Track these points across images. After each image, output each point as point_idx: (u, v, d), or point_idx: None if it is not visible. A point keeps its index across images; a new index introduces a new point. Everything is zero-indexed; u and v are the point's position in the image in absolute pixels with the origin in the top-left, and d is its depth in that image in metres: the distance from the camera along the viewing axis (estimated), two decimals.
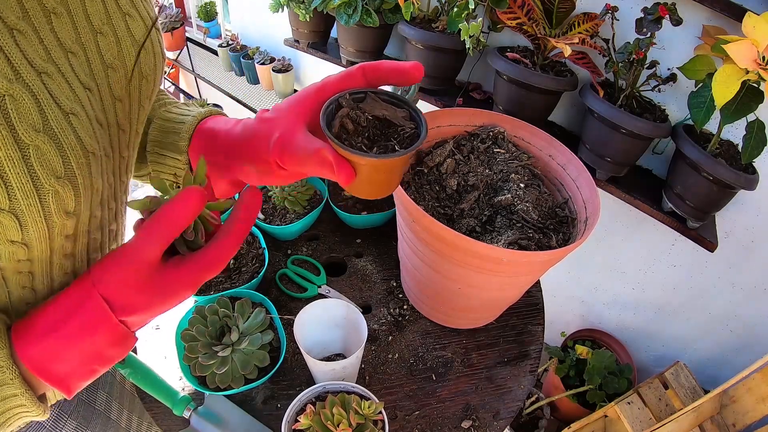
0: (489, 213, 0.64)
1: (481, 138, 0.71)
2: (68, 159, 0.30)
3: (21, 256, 0.32)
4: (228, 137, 0.41)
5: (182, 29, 2.36)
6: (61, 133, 0.29)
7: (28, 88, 0.27)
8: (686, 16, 0.87)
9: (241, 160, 0.39)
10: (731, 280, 1.17)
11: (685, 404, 1.16)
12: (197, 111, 0.46)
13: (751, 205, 1.04)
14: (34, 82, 0.28)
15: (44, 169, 0.28)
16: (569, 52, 0.90)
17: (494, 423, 0.63)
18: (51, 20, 0.30)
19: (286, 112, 0.37)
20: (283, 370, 0.67)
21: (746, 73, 0.72)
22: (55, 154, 0.29)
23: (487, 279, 0.58)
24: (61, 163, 0.29)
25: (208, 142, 0.44)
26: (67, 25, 0.31)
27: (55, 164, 0.29)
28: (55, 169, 0.29)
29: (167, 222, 0.32)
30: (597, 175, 1.07)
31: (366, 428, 0.51)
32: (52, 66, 0.29)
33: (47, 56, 0.29)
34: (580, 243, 0.54)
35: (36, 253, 0.32)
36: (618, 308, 1.48)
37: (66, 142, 0.29)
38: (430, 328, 0.74)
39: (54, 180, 0.29)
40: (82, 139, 0.31)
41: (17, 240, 0.30)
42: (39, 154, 0.28)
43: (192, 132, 0.45)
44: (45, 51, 0.29)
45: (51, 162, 0.29)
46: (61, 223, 0.32)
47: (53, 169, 0.29)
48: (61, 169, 0.29)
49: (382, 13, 1.24)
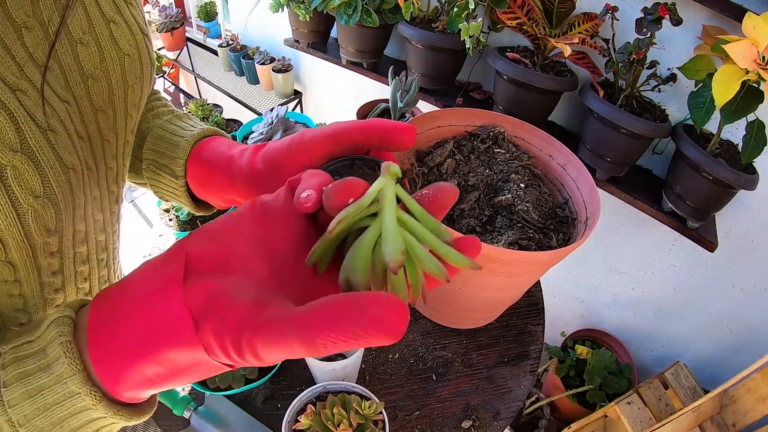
0: (489, 213, 0.64)
1: (481, 138, 0.71)
2: (47, 177, 0.29)
3: (8, 277, 0.31)
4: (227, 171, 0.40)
5: (182, 29, 2.35)
6: (39, 151, 0.28)
7: (5, 106, 0.26)
8: (686, 16, 0.87)
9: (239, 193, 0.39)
10: (731, 280, 1.17)
11: (685, 404, 1.16)
12: (189, 133, 0.45)
13: (751, 205, 1.04)
14: (10, 100, 0.27)
15: (22, 189, 0.28)
16: (569, 52, 0.90)
17: (494, 423, 0.63)
18: (21, 35, 0.29)
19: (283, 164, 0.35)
20: (283, 370, 0.67)
21: (746, 73, 0.72)
22: (33, 174, 0.28)
23: (487, 279, 0.58)
24: (39, 182, 0.28)
25: (207, 170, 0.43)
26: (39, 39, 0.30)
27: (34, 183, 0.28)
28: (34, 188, 0.28)
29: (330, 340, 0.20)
30: (597, 175, 1.07)
31: (366, 428, 0.51)
32: (26, 82, 0.28)
33: (20, 73, 0.28)
34: (580, 243, 0.54)
35: (23, 274, 0.31)
36: (618, 308, 1.48)
37: (44, 160, 0.29)
38: (430, 328, 0.74)
39: (33, 199, 0.28)
40: (61, 156, 0.30)
41: (1, 259, 0.29)
42: (17, 174, 0.27)
43: (187, 157, 0.44)
44: (18, 67, 0.28)
45: (29, 181, 0.28)
46: (43, 241, 0.31)
47: (31, 189, 0.28)
48: (39, 188, 0.29)
49: (382, 13, 1.24)
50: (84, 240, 0.37)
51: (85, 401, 0.25)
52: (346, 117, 1.90)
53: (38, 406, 0.25)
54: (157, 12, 2.33)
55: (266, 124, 0.92)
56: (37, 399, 0.25)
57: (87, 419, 0.26)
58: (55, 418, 0.25)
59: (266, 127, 0.91)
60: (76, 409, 0.25)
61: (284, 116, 0.92)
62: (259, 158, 0.37)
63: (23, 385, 0.25)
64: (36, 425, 0.25)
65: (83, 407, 0.25)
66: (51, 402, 0.25)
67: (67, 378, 0.25)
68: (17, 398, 0.25)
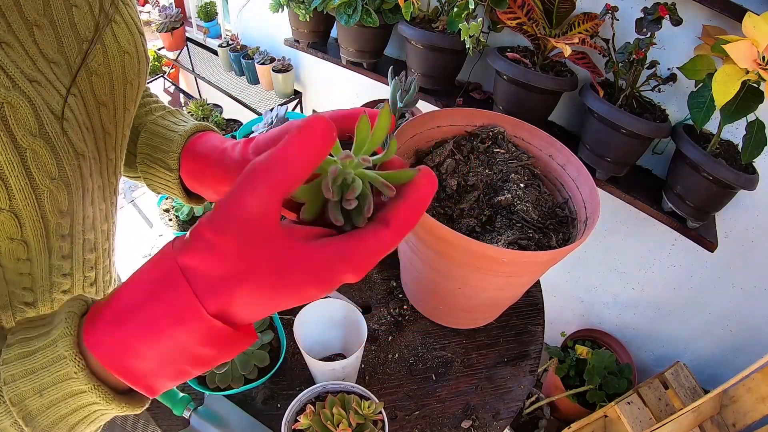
0: (489, 213, 0.64)
1: (481, 138, 0.71)
2: (61, 161, 0.31)
3: (21, 255, 0.32)
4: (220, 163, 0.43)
5: (182, 29, 2.35)
6: (54, 137, 0.30)
7: (25, 95, 0.29)
8: (686, 16, 0.87)
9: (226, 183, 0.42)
10: (731, 280, 1.17)
11: (685, 404, 1.16)
12: (183, 128, 0.47)
13: (751, 205, 1.04)
14: (29, 89, 0.29)
15: (40, 171, 0.30)
16: (569, 52, 0.90)
17: (494, 423, 0.63)
18: (33, 33, 0.31)
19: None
20: (283, 370, 0.67)
21: (746, 73, 0.72)
22: (50, 157, 0.30)
23: (487, 279, 0.58)
24: (55, 165, 0.31)
25: (199, 162, 0.45)
26: (50, 37, 0.32)
27: (50, 166, 0.30)
28: (50, 170, 0.31)
29: (283, 160, 0.23)
30: (597, 175, 1.07)
31: (366, 428, 0.51)
32: (39, 75, 0.31)
33: (34, 66, 0.31)
34: (580, 243, 0.54)
35: (35, 253, 0.33)
36: (618, 308, 1.48)
37: (59, 145, 0.31)
38: (430, 328, 0.74)
39: (49, 181, 0.31)
40: (74, 143, 0.32)
41: (17, 237, 0.31)
42: (35, 157, 0.29)
43: (181, 151, 0.46)
44: (31, 62, 0.31)
45: (46, 164, 0.30)
46: (56, 221, 0.33)
47: (48, 171, 0.30)
48: (55, 171, 0.31)
49: (382, 13, 1.24)
50: (92, 227, 0.39)
51: (68, 367, 0.25)
52: None
53: (27, 368, 0.26)
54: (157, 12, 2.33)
55: (266, 124, 0.92)
56: (28, 360, 0.26)
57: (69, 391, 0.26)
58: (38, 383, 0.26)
59: (266, 127, 0.91)
60: (59, 376, 0.26)
61: (284, 116, 0.92)
62: (250, 149, 0.39)
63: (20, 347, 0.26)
64: (19, 387, 0.26)
65: (66, 375, 0.25)
66: (38, 365, 0.26)
67: (59, 340, 0.26)
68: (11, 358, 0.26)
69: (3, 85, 0.28)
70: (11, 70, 0.28)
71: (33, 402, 0.26)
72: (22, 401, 0.26)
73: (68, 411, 0.27)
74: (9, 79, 0.28)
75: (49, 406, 0.26)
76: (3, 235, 0.30)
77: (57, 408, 0.26)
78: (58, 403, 0.26)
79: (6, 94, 0.28)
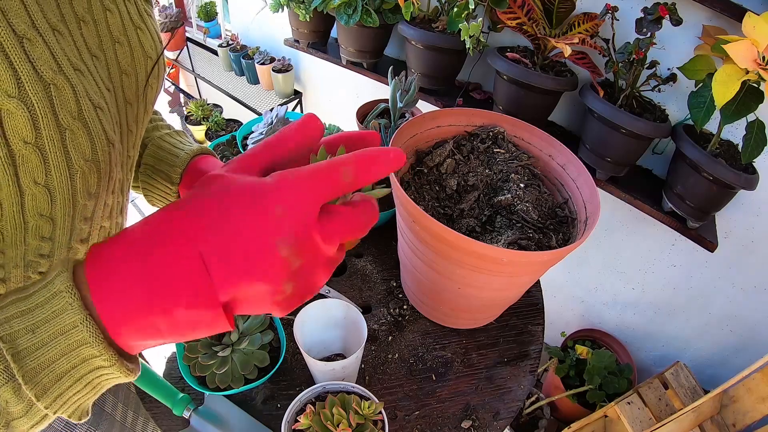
0: (489, 213, 0.64)
1: (481, 138, 0.71)
2: (95, 145, 0.34)
3: (45, 233, 0.34)
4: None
5: (182, 29, 2.36)
6: (91, 122, 0.33)
7: (69, 80, 0.31)
8: (686, 16, 0.87)
9: None
10: (731, 280, 1.17)
11: (685, 404, 1.16)
12: (188, 148, 0.53)
13: (751, 205, 1.04)
14: (72, 77, 0.31)
15: (76, 151, 0.32)
16: (569, 52, 0.90)
17: (494, 423, 0.63)
18: (80, 26, 0.34)
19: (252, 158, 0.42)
20: (283, 370, 0.67)
21: (746, 73, 0.72)
22: (86, 139, 0.33)
23: (487, 279, 0.58)
24: (89, 147, 0.33)
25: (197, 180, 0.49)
26: (93, 32, 0.35)
27: (85, 148, 0.33)
28: (84, 152, 0.33)
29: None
30: (597, 175, 1.07)
31: (366, 428, 0.51)
32: (83, 65, 0.33)
33: (79, 57, 0.33)
34: (580, 243, 0.54)
35: (58, 232, 0.35)
36: (618, 308, 1.48)
37: (94, 130, 0.33)
38: (430, 328, 0.74)
39: (83, 162, 0.33)
40: (106, 131, 0.35)
41: (46, 214, 0.33)
42: (73, 137, 0.32)
43: (185, 168, 0.52)
44: (77, 52, 0.33)
45: (81, 146, 0.33)
46: (83, 203, 0.35)
47: (83, 152, 0.33)
48: (89, 153, 0.33)
49: (382, 13, 1.24)
50: (108, 216, 0.42)
51: (63, 300, 0.25)
52: (346, 117, 1.90)
53: (22, 308, 0.25)
54: (158, 12, 2.33)
55: (266, 124, 0.92)
56: (23, 302, 0.25)
57: (62, 326, 0.25)
58: (32, 321, 0.25)
59: (266, 127, 0.91)
60: (55, 312, 0.25)
61: (284, 116, 0.92)
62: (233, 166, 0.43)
63: (15, 294, 0.26)
64: (12, 326, 0.25)
65: (61, 309, 0.25)
66: (34, 304, 0.25)
67: (56, 277, 0.26)
68: (6, 304, 0.26)
69: (51, 68, 0.30)
70: (60, 56, 0.31)
71: (24, 340, 0.25)
72: (14, 340, 0.25)
73: (58, 353, 0.25)
74: (57, 64, 0.30)
75: (40, 346, 0.25)
76: (34, 211, 0.32)
77: (48, 348, 0.25)
78: (50, 342, 0.25)
79: (53, 77, 0.30)
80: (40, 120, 0.29)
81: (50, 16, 0.31)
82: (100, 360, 0.26)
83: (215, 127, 2.47)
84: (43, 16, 0.30)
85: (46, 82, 0.29)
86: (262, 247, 0.25)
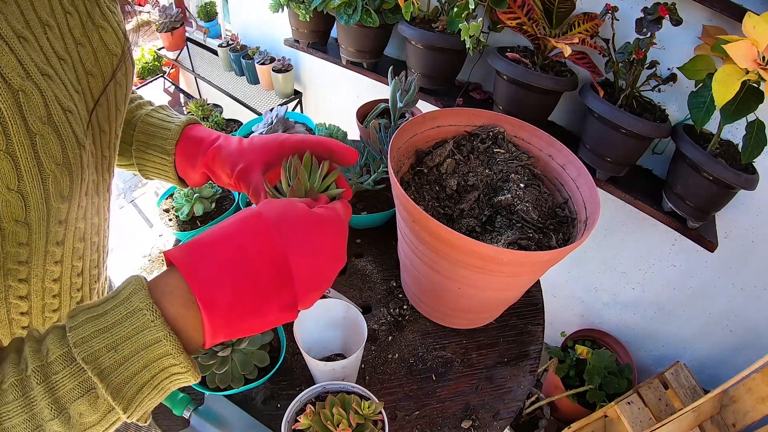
0: (489, 213, 0.64)
1: (481, 138, 0.71)
2: (66, 149, 0.34)
3: (22, 239, 0.34)
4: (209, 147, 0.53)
5: (182, 29, 2.35)
6: (61, 126, 0.33)
7: (37, 86, 0.31)
8: (686, 16, 0.87)
9: (214, 167, 0.52)
10: (731, 280, 1.17)
11: (685, 404, 1.16)
12: (178, 120, 0.56)
13: (751, 205, 1.04)
14: (41, 82, 0.32)
15: (47, 156, 0.32)
16: (569, 52, 0.90)
17: (494, 423, 0.63)
18: (46, 31, 0.34)
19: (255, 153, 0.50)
20: (282, 370, 0.67)
21: (746, 73, 0.72)
22: (56, 144, 0.33)
23: (487, 279, 0.58)
24: (60, 151, 0.33)
25: (193, 147, 0.54)
26: (58, 36, 0.36)
27: (56, 152, 0.33)
28: (56, 156, 0.33)
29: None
30: (597, 175, 1.07)
31: (366, 428, 0.51)
32: (51, 70, 0.34)
33: (47, 61, 0.34)
34: (580, 243, 0.54)
35: (34, 237, 0.35)
36: (618, 308, 1.48)
37: (64, 134, 0.33)
38: (430, 328, 0.74)
39: (54, 165, 0.33)
40: (77, 134, 0.35)
41: (21, 219, 0.33)
42: (44, 142, 0.32)
43: (178, 138, 0.54)
44: (45, 57, 0.34)
45: (52, 150, 0.33)
46: (57, 206, 0.35)
47: (54, 156, 0.33)
48: (60, 157, 0.33)
49: (382, 13, 1.24)
50: (83, 217, 0.42)
51: (145, 317, 0.29)
52: (346, 117, 1.90)
53: (98, 328, 0.29)
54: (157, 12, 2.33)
55: (266, 124, 0.92)
56: (98, 321, 0.29)
57: (144, 341, 0.29)
58: (112, 339, 0.29)
59: (266, 127, 0.91)
60: (135, 328, 0.30)
61: (284, 116, 0.92)
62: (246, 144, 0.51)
63: (86, 313, 0.30)
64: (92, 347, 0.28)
65: (142, 325, 0.29)
66: (111, 322, 0.30)
67: (133, 296, 0.30)
68: (79, 324, 0.29)
69: (19, 74, 0.30)
70: (27, 62, 0.31)
71: (106, 358, 0.28)
72: (96, 359, 0.28)
73: (140, 366, 0.29)
74: (24, 70, 0.31)
75: (122, 361, 0.29)
76: (9, 217, 0.32)
77: (130, 363, 0.29)
78: (132, 357, 0.29)
79: (21, 83, 0.30)
80: (10, 127, 0.29)
81: (14, 24, 0.31)
82: (177, 368, 0.31)
83: (215, 127, 2.46)
84: (8, 24, 0.30)
85: (14, 89, 0.30)
86: (334, 272, 0.38)
